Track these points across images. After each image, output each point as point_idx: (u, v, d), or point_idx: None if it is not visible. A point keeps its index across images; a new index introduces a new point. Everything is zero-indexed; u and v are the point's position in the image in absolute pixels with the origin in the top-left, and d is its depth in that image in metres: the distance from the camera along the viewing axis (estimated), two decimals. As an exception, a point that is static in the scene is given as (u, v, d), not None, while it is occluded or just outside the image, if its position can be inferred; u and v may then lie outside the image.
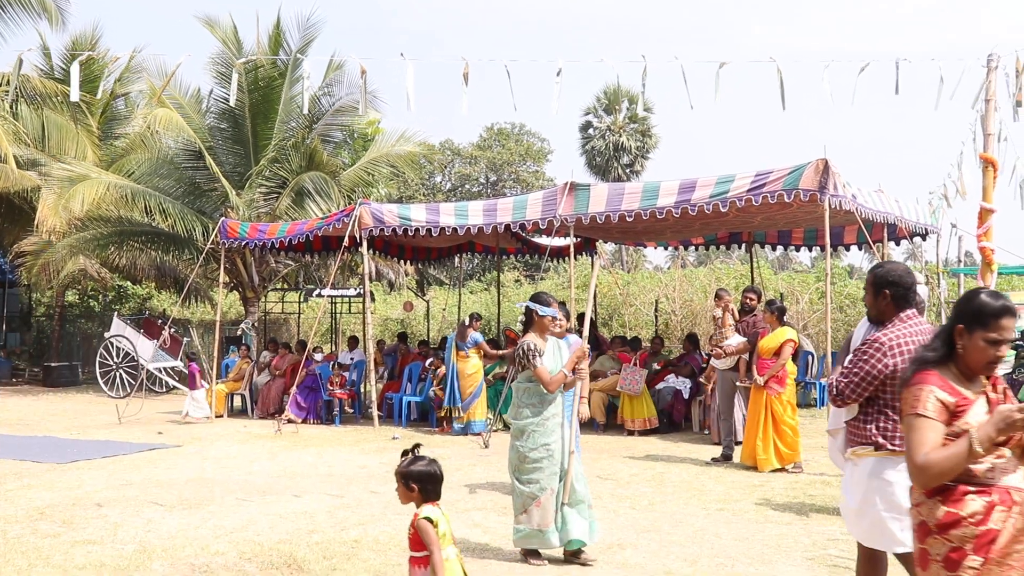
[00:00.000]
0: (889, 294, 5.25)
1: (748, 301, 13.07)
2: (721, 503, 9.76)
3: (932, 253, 19.69)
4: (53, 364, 27.10)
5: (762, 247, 20.70)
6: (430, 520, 5.04)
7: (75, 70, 15.14)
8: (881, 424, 5.16)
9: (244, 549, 7.87)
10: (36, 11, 24.74)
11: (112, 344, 23.61)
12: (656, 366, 16.40)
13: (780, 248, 20.36)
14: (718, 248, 21.41)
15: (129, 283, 32.26)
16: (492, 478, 11.25)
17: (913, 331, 5.17)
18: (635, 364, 15.60)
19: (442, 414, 16.07)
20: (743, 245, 20.36)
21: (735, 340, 12.66)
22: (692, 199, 14.07)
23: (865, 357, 5.16)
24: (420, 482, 5.15)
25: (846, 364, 5.30)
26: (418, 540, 5.06)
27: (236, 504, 9.83)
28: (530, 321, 7.72)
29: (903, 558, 5.20)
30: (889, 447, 5.12)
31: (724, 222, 16.79)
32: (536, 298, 7.74)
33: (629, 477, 11.36)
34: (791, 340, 11.87)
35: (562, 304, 8.16)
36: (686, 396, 15.62)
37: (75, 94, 15.81)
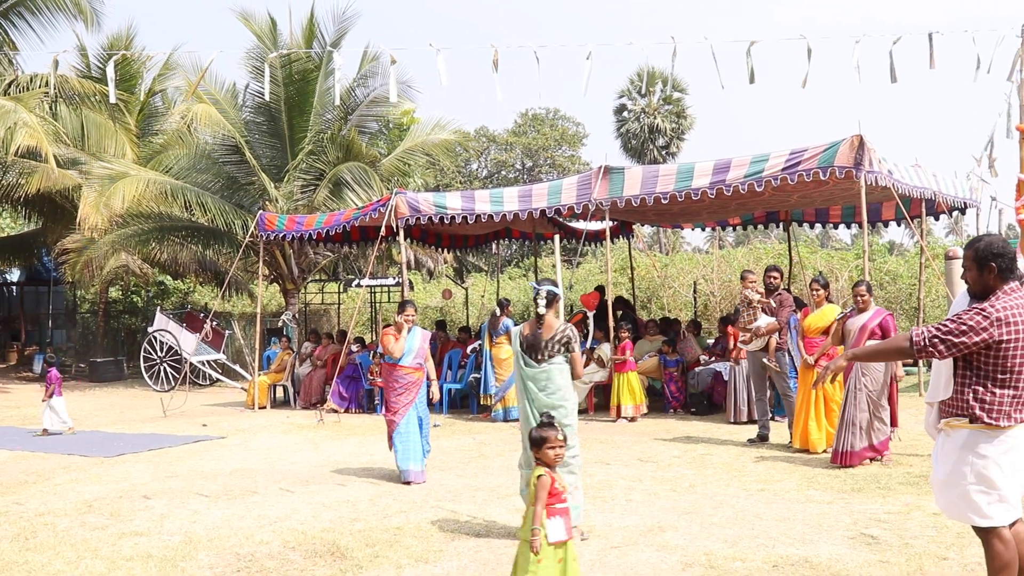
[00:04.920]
0: (995, 267, 5.15)
1: (772, 280, 12.99)
2: (762, 484, 9.75)
3: (973, 227, 19.51)
4: (98, 359, 27.39)
5: (800, 225, 20.59)
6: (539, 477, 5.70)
7: (111, 71, 15.33)
8: (980, 396, 5.11)
9: (288, 538, 7.97)
10: (72, 12, 25.04)
11: (155, 338, 23.85)
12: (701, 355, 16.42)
13: (819, 226, 20.22)
14: (756, 228, 21.29)
15: (170, 278, 32.52)
16: (532, 463, 11.28)
17: (1020, 303, 5.10)
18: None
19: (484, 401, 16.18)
20: (781, 224, 20.26)
21: (764, 320, 12.58)
22: (727, 179, 14.02)
23: (969, 320, 5.06)
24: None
25: (943, 321, 5.18)
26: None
27: (280, 494, 9.94)
28: (553, 304, 7.85)
29: (982, 532, 5.19)
30: (986, 420, 5.08)
31: (760, 202, 16.72)
32: (553, 282, 7.96)
33: (670, 459, 11.37)
34: (839, 318, 11.69)
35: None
36: (726, 378, 15.59)
37: (113, 96, 16.02)
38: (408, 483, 10.28)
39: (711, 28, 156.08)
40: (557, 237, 16.63)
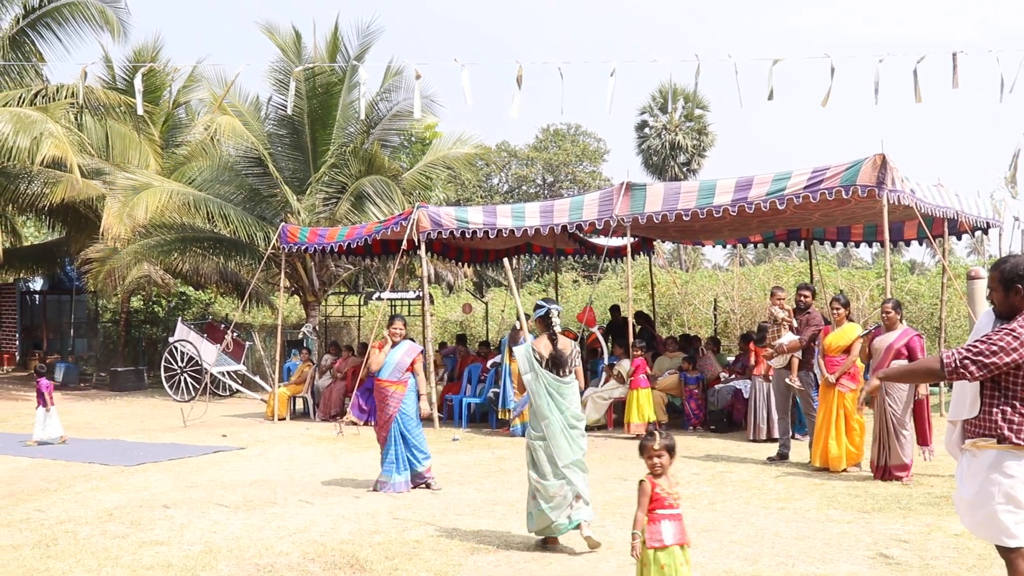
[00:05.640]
0: (1022, 288, 5.15)
1: (802, 299, 12.95)
2: (782, 502, 9.73)
3: (995, 247, 19.43)
4: (119, 369, 27.50)
5: (821, 244, 20.55)
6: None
7: (138, 83, 15.44)
8: (1008, 416, 5.10)
9: (307, 549, 7.99)
10: (98, 24, 25.23)
11: (176, 349, 23.95)
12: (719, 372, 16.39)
13: (840, 244, 20.17)
14: (777, 245, 21.27)
15: (192, 289, 32.67)
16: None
17: None
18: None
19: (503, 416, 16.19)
20: (802, 242, 20.22)
21: (787, 338, 12.56)
22: (749, 197, 14.03)
23: (999, 341, 5.04)
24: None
25: (973, 342, 5.15)
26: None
27: (299, 505, 9.97)
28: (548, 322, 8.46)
29: (1007, 552, 5.17)
30: (1014, 440, 5.06)
31: (782, 219, 16.71)
32: (554, 301, 8.66)
33: (689, 476, 11.34)
34: (862, 336, 11.68)
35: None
36: (746, 396, 15.54)
37: (140, 107, 16.15)
38: (375, 490, 10.65)
39: (734, 45, 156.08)
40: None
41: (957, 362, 5.10)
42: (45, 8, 24.81)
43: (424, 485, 10.83)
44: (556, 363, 8.26)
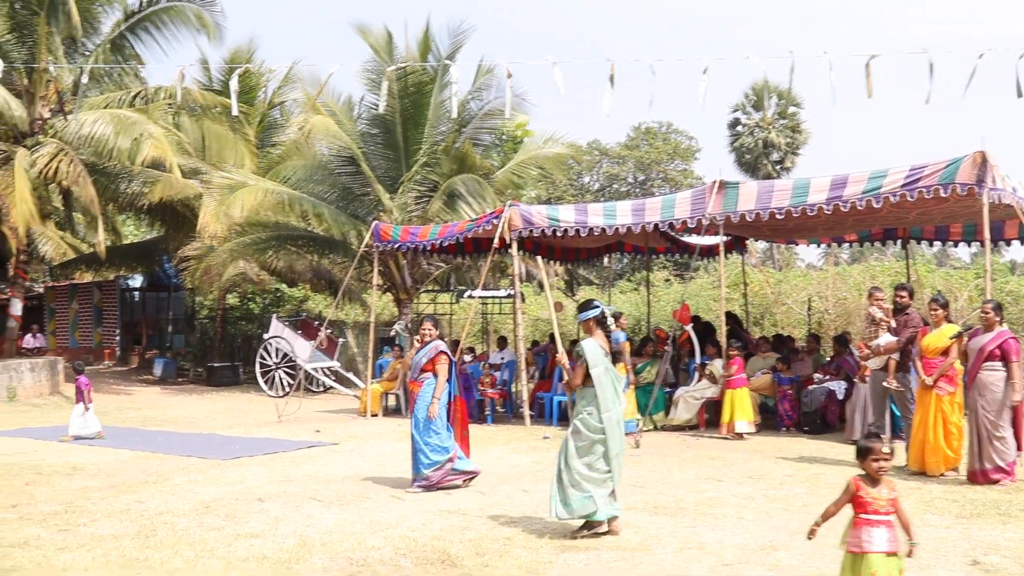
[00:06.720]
0: None
1: (900, 299, 12.69)
2: (877, 505, 9.55)
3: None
4: (215, 364, 28.01)
5: (918, 243, 20.14)
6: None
7: (234, 84, 15.70)
8: None
9: (399, 544, 8.04)
10: (195, 26, 25.72)
11: (271, 345, 24.31)
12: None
13: (937, 244, 19.74)
14: (872, 245, 20.89)
15: (286, 286, 33.14)
16: (642, 478, 11.23)
17: None
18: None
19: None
20: (899, 241, 19.84)
21: (884, 339, 12.33)
22: (844, 195, 13.82)
23: None
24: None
25: None
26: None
27: (391, 500, 10.05)
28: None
29: None
30: None
31: (878, 218, 16.41)
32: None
33: (782, 478, 11.21)
34: (955, 337, 11.38)
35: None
36: (840, 397, 15.30)
37: (235, 108, 16.43)
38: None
39: (830, 41, 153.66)
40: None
41: None
42: (144, 12, 25.34)
43: (432, 488, 10.58)
44: (613, 358, 8.67)
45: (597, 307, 8.79)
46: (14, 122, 23.65)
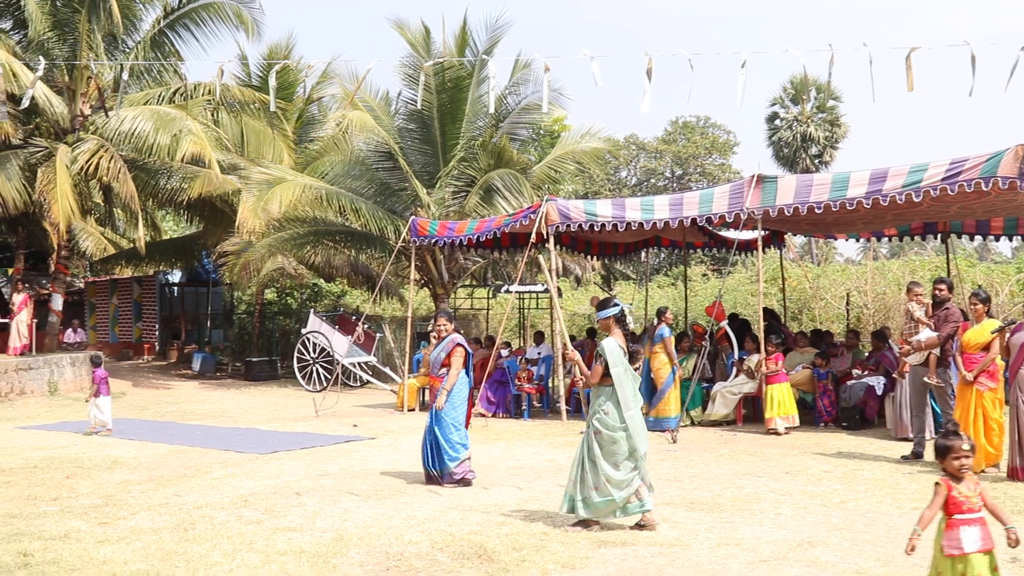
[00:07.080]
0: None
1: (939, 293, 12.55)
2: (916, 502, 9.45)
3: None
4: (254, 359, 28.17)
5: (959, 237, 19.93)
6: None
7: (272, 80, 15.78)
8: None
9: (436, 539, 8.06)
10: (233, 23, 25.85)
11: (308, 340, 24.42)
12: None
13: (978, 238, 19.51)
14: (912, 239, 20.71)
15: (323, 281, 33.27)
16: (679, 474, 11.21)
17: None
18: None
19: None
20: (939, 236, 19.64)
21: (924, 334, 12.21)
22: (883, 189, 13.70)
23: None
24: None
25: None
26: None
27: (428, 495, 10.07)
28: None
29: None
30: None
31: (918, 212, 16.25)
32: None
33: (820, 474, 11.14)
34: (996, 332, 11.22)
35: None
36: (879, 392, 15.17)
37: (273, 104, 16.52)
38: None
39: (870, 34, 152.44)
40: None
41: None
42: (184, 9, 25.50)
43: (461, 482, 10.67)
44: (631, 358, 8.77)
45: (616, 305, 8.92)
46: (56, 119, 23.87)
